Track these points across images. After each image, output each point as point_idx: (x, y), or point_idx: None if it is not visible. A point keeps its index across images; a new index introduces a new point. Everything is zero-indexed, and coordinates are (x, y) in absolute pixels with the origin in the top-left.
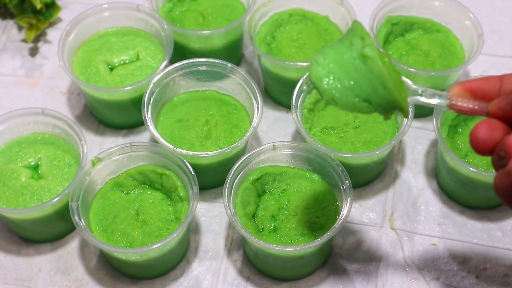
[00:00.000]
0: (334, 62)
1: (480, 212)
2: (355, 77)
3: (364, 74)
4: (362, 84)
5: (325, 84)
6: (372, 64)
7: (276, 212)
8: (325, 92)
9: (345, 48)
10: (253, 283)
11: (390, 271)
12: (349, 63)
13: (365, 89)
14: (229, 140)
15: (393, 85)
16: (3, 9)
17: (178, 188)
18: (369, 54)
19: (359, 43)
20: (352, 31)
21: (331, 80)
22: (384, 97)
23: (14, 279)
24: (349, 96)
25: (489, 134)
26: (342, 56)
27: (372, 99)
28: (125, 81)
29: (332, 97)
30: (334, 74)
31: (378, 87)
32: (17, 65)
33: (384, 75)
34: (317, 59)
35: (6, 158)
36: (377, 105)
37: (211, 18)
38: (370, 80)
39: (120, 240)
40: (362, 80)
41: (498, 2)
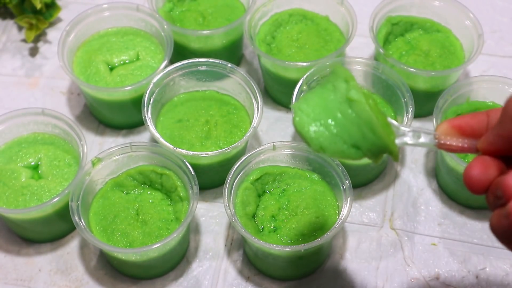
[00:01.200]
0: (318, 108)
1: (480, 212)
2: (342, 123)
3: (351, 120)
4: (350, 130)
5: (312, 132)
6: (359, 108)
7: (276, 212)
8: (312, 140)
9: (328, 92)
10: (253, 283)
11: (390, 271)
12: (334, 108)
13: (353, 135)
14: (229, 140)
15: (382, 130)
16: (3, 9)
17: (178, 188)
18: (355, 97)
19: (343, 86)
20: (334, 73)
21: (317, 128)
22: (373, 142)
23: (14, 279)
24: (338, 143)
25: (483, 172)
26: (326, 101)
27: (361, 144)
28: (125, 81)
29: (320, 145)
30: (320, 121)
31: (367, 132)
32: (17, 65)
33: (373, 120)
34: (300, 106)
35: (6, 158)
36: (367, 150)
37: (211, 18)
38: (358, 126)
39: (120, 240)
40: (350, 125)
41: (498, 2)
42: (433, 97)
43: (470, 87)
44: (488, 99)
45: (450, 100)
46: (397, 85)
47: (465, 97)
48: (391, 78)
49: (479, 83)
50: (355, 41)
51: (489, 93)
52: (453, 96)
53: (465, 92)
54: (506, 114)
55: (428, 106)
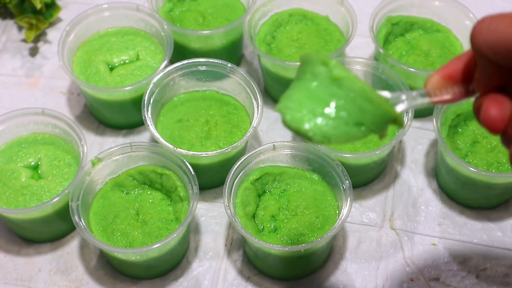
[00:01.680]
0: (305, 99)
1: (480, 212)
2: (336, 104)
3: (344, 97)
4: (347, 108)
5: (309, 126)
6: (349, 83)
7: (276, 212)
8: (312, 133)
9: (309, 82)
10: (253, 283)
11: (390, 271)
12: (322, 93)
13: (352, 112)
14: (229, 140)
15: (379, 96)
16: (3, 9)
17: (178, 188)
18: (341, 74)
19: (323, 69)
20: (306, 63)
21: (312, 119)
22: (374, 112)
23: (14, 279)
24: (339, 126)
25: (500, 109)
26: (310, 90)
27: (363, 119)
28: (125, 81)
29: (322, 134)
30: (313, 112)
31: (364, 104)
32: (17, 65)
33: (366, 89)
34: (286, 105)
35: (6, 158)
36: (370, 124)
37: (211, 18)
38: (353, 101)
39: (120, 240)
40: (345, 104)
41: (498, 2)
42: None
43: None
44: None
45: None
46: (397, 85)
47: None
48: (391, 78)
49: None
50: (355, 41)
51: None
52: None
53: None
54: (477, 52)
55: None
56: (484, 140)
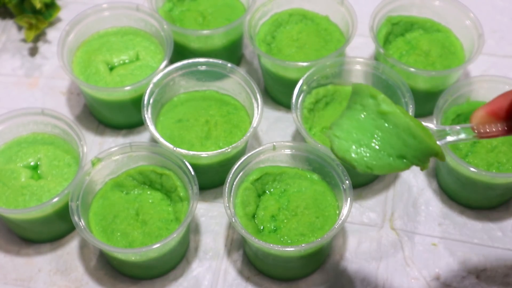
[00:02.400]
0: (354, 130)
1: (480, 212)
2: (381, 137)
3: (389, 131)
4: (391, 142)
5: (354, 155)
6: (395, 118)
7: (276, 212)
8: (357, 162)
9: (358, 113)
10: (253, 283)
11: (390, 271)
12: (369, 126)
13: (395, 145)
14: (229, 140)
15: (422, 133)
16: (3, 9)
17: (178, 188)
18: (387, 109)
19: (372, 102)
20: (357, 94)
21: (358, 149)
22: (417, 147)
23: (14, 279)
24: (383, 158)
25: None
26: (359, 121)
27: (406, 153)
28: (125, 81)
29: (366, 165)
30: (359, 142)
31: (407, 139)
32: (17, 65)
33: (411, 125)
34: (335, 133)
35: (6, 158)
36: (412, 157)
37: (211, 18)
38: (397, 135)
39: (120, 240)
40: (389, 138)
41: (498, 2)
42: (433, 97)
43: (470, 87)
44: (489, 99)
45: (451, 100)
46: (397, 85)
47: (465, 97)
48: (391, 78)
49: (479, 83)
50: (355, 41)
51: (489, 93)
52: (453, 96)
53: (465, 92)
54: None
55: (428, 106)
56: (484, 140)
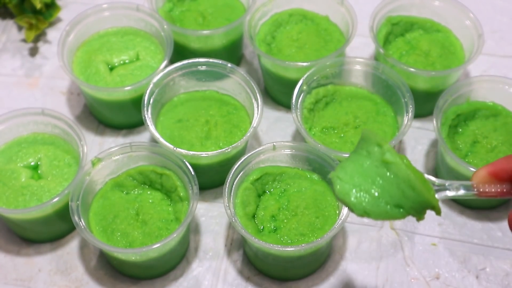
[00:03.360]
0: (356, 174)
1: (480, 212)
2: (381, 185)
3: (390, 181)
4: (390, 191)
5: (354, 199)
6: (396, 169)
7: (276, 212)
8: (355, 206)
9: (363, 158)
10: (253, 283)
11: (390, 271)
12: (372, 172)
13: (394, 195)
14: (229, 140)
15: (421, 186)
16: (3, 9)
17: (178, 188)
18: (391, 159)
19: (377, 150)
20: (365, 140)
21: (358, 193)
22: (415, 199)
23: (14, 279)
24: (380, 205)
25: None
26: (362, 167)
27: (403, 203)
28: (125, 81)
29: (364, 210)
30: (360, 187)
31: (406, 190)
32: (17, 65)
33: (411, 178)
34: (339, 175)
35: (6, 158)
36: (409, 208)
37: (211, 18)
38: (397, 185)
39: (120, 240)
40: (389, 187)
41: (498, 2)
42: (433, 97)
43: (470, 87)
44: (488, 99)
45: (450, 100)
46: (397, 85)
47: (465, 97)
48: (391, 78)
49: (479, 83)
50: (355, 41)
51: (489, 93)
52: (453, 96)
53: (465, 92)
54: None
55: (428, 106)
56: (484, 140)
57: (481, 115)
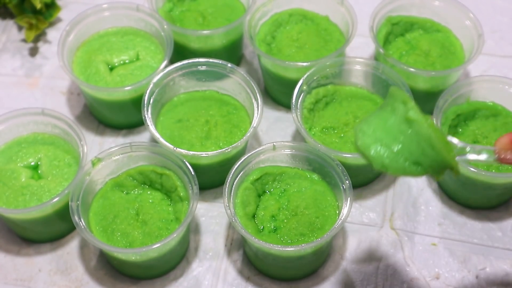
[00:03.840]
0: (379, 128)
1: (480, 212)
2: (402, 141)
3: (411, 138)
4: (411, 148)
5: (373, 152)
6: (418, 127)
7: (276, 212)
8: (374, 160)
9: (388, 114)
10: (253, 283)
11: (390, 271)
12: (394, 128)
13: (414, 152)
14: (229, 140)
15: (441, 145)
16: (3, 9)
17: (178, 188)
18: (414, 117)
19: (402, 107)
20: (392, 96)
21: (379, 148)
22: (434, 158)
23: (14, 279)
24: (399, 161)
25: None
26: (386, 122)
27: (422, 161)
28: (125, 81)
29: (382, 164)
30: (381, 141)
31: (426, 149)
32: (17, 65)
33: (431, 136)
34: (362, 128)
35: (6, 158)
36: (428, 166)
37: (211, 18)
38: (418, 143)
39: (120, 240)
40: (409, 143)
41: (498, 2)
42: (433, 97)
43: (470, 87)
44: (488, 99)
45: (450, 100)
46: (397, 85)
47: (465, 97)
48: (391, 78)
49: (479, 83)
50: (355, 41)
51: (489, 93)
52: (453, 96)
53: (465, 92)
54: None
55: (428, 106)
56: (484, 140)
57: (481, 115)
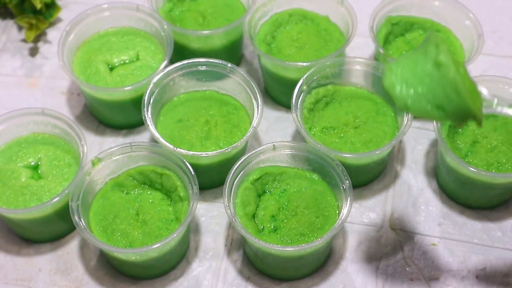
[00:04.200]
0: (407, 69)
1: (480, 212)
2: (428, 84)
3: (437, 81)
4: (436, 91)
5: (398, 91)
6: (446, 71)
7: (276, 212)
8: (398, 99)
9: (419, 56)
10: (253, 283)
11: (390, 271)
12: (422, 70)
13: (438, 96)
14: (229, 140)
15: (467, 93)
16: (3, 9)
17: (178, 188)
18: (442, 60)
19: (433, 50)
20: (427, 40)
21: (404, 87)
22: (458, 104)
23: (14, 279)
24: (422, 102)
25: None
26: (416, 63)
27: (445, 106)
28: (125, 81)
29: (405, 103)
30: (407, 81)
31: (451, 94)
32: (17, 65)
33: (458, 82)
34: (391, 67)
35: (6, 158)
36: (451, 112)
37: (211, 18)
38: (443, 87)
39: (120, 240)
40: (435, 86)
41: (498, 2)
42: None
43: None
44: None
45: None
46: None
47: None
48: None
49: (479, 83)
50: (355, 41)
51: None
52: None
53: None
54: None
55: None
56: (484, 140)
57: None
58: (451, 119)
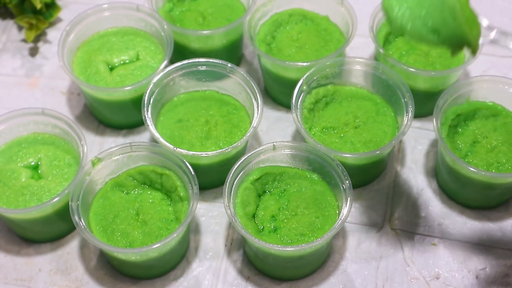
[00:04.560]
0: None
1: (480, 212)
2: (427, 7)
3: (436, 5)
4: (433, 14)
5: (395, 12)
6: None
7: (276, 212)
8: (394, 20)
9: None
10: (253, 283)
11: (390, 271)
12: None
13: (435, 19)
14: (229, 140)
15: (464, 19)
16: (3, 9)
17: (178, 188)
18: None
19: None
20: None
21: (402, 9)
22: (453, 29)
23: (14, 279)
24: (418, 25)
25: None
26: None
27: (441, 30)
28: (125, 81)
29: (401, 25)
30: (406, 3)
31: (448, 18)
32: (17, 65)
33: (456, 7)
34: None
35: (6, 158)
36: (446, 37)
37: (211, 18)
38: (441, 11)
39: (120, 240)
40: (433, 10)
41: (498, 2)
42: (433, 97)
43: (470, 87)
44: (488, 99)
45: (450, 100)
46: (397, 85)
47: (465, 97)
48: (391, 78)
49: (479, 83)
50: (355, 41)
51: (489, 93)
52: (453, 96)
53: (465, 92)
54: None
55: (428, 106)
56: (484, 140)
57: (481, 115)
58: (446, 45)
